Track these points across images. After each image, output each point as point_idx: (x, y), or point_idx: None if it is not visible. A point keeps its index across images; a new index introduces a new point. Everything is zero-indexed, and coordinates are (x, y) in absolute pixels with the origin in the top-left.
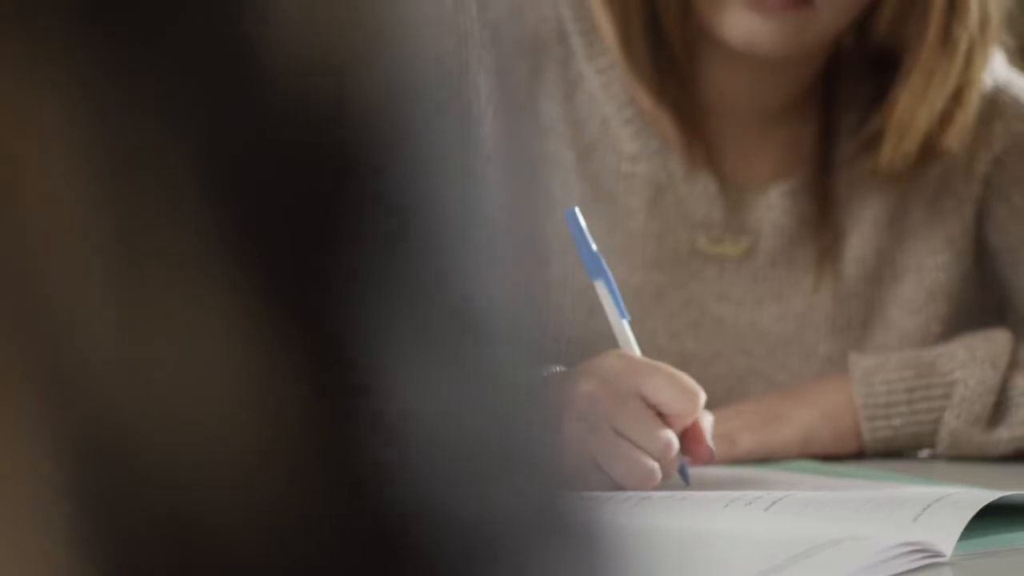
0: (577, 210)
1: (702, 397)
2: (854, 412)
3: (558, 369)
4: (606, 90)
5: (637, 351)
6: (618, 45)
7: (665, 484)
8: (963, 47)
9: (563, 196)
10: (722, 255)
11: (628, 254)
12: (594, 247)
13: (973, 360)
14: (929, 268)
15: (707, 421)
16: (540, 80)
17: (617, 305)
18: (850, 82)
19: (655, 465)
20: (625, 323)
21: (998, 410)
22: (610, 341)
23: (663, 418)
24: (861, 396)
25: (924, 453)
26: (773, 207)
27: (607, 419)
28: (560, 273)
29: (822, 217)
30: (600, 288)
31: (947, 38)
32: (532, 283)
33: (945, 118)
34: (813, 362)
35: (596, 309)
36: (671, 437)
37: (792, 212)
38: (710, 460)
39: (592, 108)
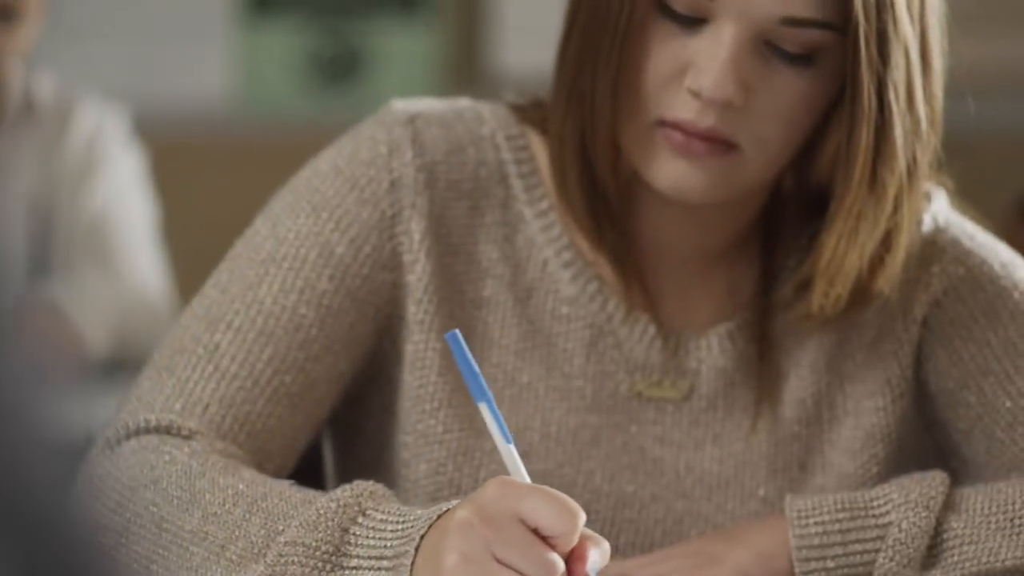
0: (458, 332)
1: (582, 517)
2: (789, 553)
3: (454, 504)
4: (545, 233)
5: (524, 475)
6: (555, 190)
7: None
8: (891, 192)
9: (500, 338)
10: (661, 398)
11: (566, 396)
12: (476, 369)
13: (907, 502)
14: (867, 410)
15: (598, 551)
16: (479, 222)
17: (501, 429)
18: (790, 225)
19: None
20: (512, 448)
21: (932, 552)
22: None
23: (545, 540)
24: (796, 538)
25: None
26: (712, 349)
27: (487, 547)
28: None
29: (761, 359)
30: (484, 412)
31: (874, 182)
32: None
33: (875, 263)
34: (752, 504)
35: (530, 451)
36: (555, 559)
37: (731, 354)
38: None
39: (531, 250)
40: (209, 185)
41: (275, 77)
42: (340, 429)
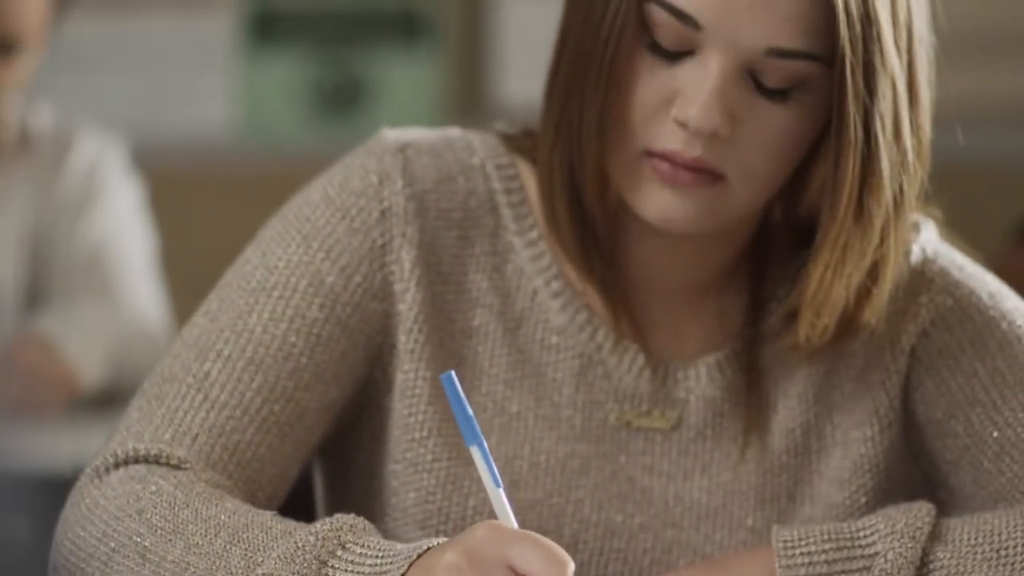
0: (453, 374)
1: (570, 566)
2: None
3: (436, 542)
4: (535, 262)
5: (513, 520)
6: (544, 220)
7: None
8: (878, 223)
9: (490, 367)
10: (650, 428)
11: (555, 425)
12: (470, 412)
13: (893, 533)
14: (856, 441)
15: None
16: (469, 251)
17: (491, 473)
18: (779, 255)
19: None
20: (500, 491)
21: None
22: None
23: None
24: (782, 568)
25: None
26: (701, 379)
27: None
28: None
29: (749, 390)
30: (475, 455)
31: (860, 214)
32: None
33: (862, 294)
34: (740, 534)
35: (519, 480)
36: None
37: (720, 384)
38: None
39: (521, 280)
40: (212, 215)
41: (277, 107)
42: (330, 458)
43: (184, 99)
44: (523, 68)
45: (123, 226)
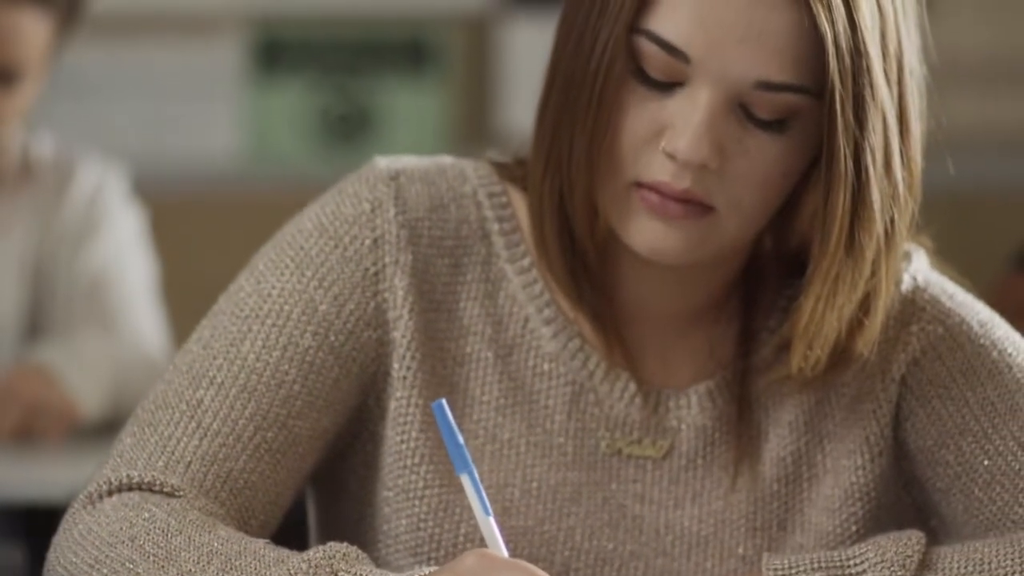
0: (444, 403)
1: None
2: None
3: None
4: (527, 290)
5: (502, 547)
6: (535, 249)
7: None
8: (869, 255)
9: (482, 394)
10: (641, 455)
11: (547, 453)
12: (461, 441)
13: (883, 561)
14: (847, 469)
15: None
16: (461, 279)
17: (481, 501)
18: (771, 285)
19: None
20: (491, 519)
21: None
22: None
23: None
24: None
25: None
26: (692, 408)
27: None
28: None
29: (740, 418)
30: (466, 483)
31: (852, 246)
32: None
33: (854, 326)
34: (731, 562)
35: (510, 507)
36: None
37: (711, 413)
38: None
39: (513, 307)
40: (219, 243)
41: (284, 135)
42: (323, 485)
43: (191, 127)
44: (529, 97)
45: (124, 255)
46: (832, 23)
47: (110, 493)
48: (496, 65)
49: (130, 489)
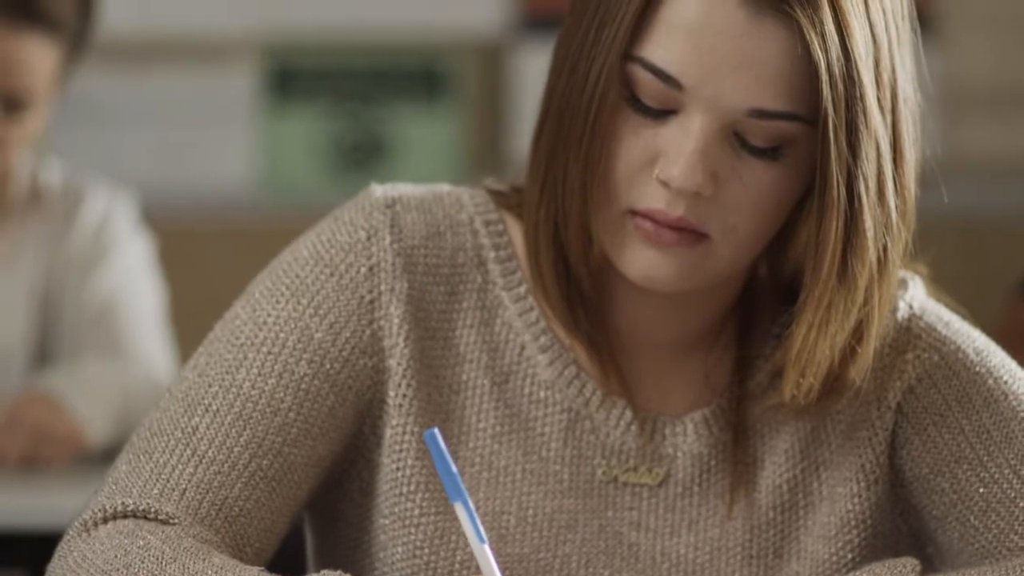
0: (436, 432)
1: None
2: None
3: None
4: (523, 317)
5: (498, 575)
6: (531, 277)
7: None
8: (862, 283)
9: (477, 421)
10: (637, 483)
11: (543, 480)
12: (454, 469)
13: None
14: (843, 497)
15: None
16: (457, 307)
17: (475, 529)
18: (766, 312)
19: None
20: (485, 547)
21: None
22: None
23: None
24: None
25: None
26: (688, 435)
27: None
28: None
29: (736, 446)
30: (459, 511)
31: (844, 273)
32: None
33: (846, 354)
34: None
35: (506, 535)
36: None
37: (707, 440)
38: None
39: (509, 335)
40: (233, 270)
41: (298, 163)
42: (319, 512)
43: (205, 154)
44: None
45: (132, 282)
46: (826, 51)
47: (105, 520)
48: (510, 92)
49: (125, 517)
